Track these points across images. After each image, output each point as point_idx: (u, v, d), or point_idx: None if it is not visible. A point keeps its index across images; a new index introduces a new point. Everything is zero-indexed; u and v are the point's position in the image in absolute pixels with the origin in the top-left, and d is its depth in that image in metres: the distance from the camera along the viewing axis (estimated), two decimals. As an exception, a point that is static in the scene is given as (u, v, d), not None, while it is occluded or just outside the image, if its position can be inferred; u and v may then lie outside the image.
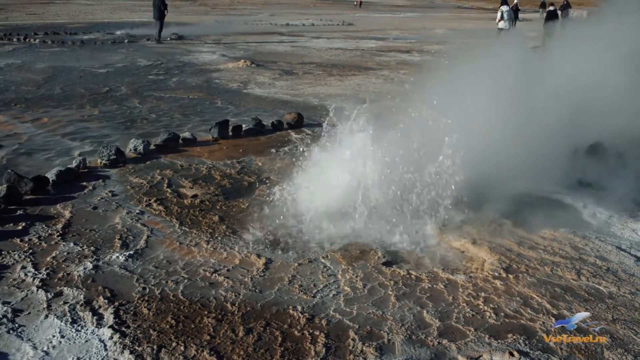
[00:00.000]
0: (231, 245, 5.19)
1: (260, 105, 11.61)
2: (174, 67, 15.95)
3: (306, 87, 13.85)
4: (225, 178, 6.93)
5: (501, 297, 4.39)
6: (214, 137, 8.67)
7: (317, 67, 16.89)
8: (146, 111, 10.55)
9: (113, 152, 7.27)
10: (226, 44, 21.85)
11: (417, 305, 4.27)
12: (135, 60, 16.92)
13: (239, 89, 13.24)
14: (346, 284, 4.57)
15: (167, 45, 20.92)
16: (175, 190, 6.49)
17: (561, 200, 6.02)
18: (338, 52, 20.98)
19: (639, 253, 5.24)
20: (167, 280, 4.54)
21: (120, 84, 13.21)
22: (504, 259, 5.00)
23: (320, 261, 4.95)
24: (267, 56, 18.98)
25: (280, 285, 4.53)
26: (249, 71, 15.79)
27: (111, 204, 6.02)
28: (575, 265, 4.93)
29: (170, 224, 5.59)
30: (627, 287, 4.61)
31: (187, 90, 12.80)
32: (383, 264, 4.91)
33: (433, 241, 5.32)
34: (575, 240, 5.39)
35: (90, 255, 4.88)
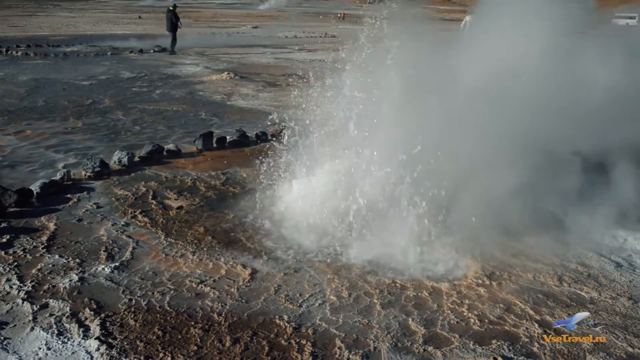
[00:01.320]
0: (217, 256, 5.21)
1: (244, 116, 11.65)
2: (158, 79, 15.94)
3: (290, 98, 13.87)
4: (210, 189, 6.96)
5: (485, 304, 4.47)
6: (198, 148, 8.69)
7: (300, 79, 16.92)
8: (130, 123, 10.54)
9: (97, 164, 7.27)
10: (209, 56, 21.86)
11: (403, 313, 4.32)
12: (118, 72, 16.89)
13: (223, 101, 13.27)
14: (332, 293, 4.62)
15: (150, 57, 20.89)
16: (160, 202, 6.50)
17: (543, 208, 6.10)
18: (321, 63, 21.03)
19: (619, 259, 5.35)
20: (154, 291, 4.56)
21: (104, 96, 13.17)
22: (487, 266, 5.07)
23: (305, 271, 4.99)
24: (250, 68, 19.03)
25: (267, 295, 4.56)
26: (232, 83, 15.82)
27: (96, 216, 6.01)
28: (557, 272, 5.03)
29: (155, 236, 5.60)
30: (608, 292, 4.71)
31: (171, 102, 12.80)
32: (368, 272, 4.95)
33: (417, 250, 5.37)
34: (557, 247, 5.48)
35: (76, 267, 4.88)
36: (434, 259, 5.23)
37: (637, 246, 5.66)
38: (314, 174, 6.20)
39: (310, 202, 5.99)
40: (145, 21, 41.69)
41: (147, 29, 33.43)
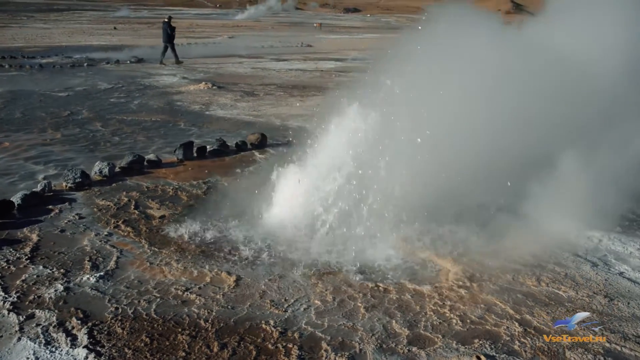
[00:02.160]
0: (201, 264, 5.26)
1: (223, 126, 11.69)
2: (135, 90, 15.91)
3: (268, 108, 13.98)
4: (192, 198, 7.00)
5: (466, 305, 4.57)
6: (179, 158, 8.72)
7: (278, 88, 17.05)
8: (109, 134, 10.53)
9: (78, 175, 7.27)
10: (186, 67, 21.85)
11: (386, 316, 4.41)
12: (95, 83, 16.82)
13: (202, 111, 13.30)
14: (316, 297, 4.70)
15: (127, 68, 20.83)
16: (143, 211, 6.53)
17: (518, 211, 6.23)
18: (298, 73, 21.19)
19: (595, 259, 5.51)
20: (140, 299, 4.59)
21: (82, 107, 13.13)
22: (467, 268, 5.19)
23: (289, 277, 5.06)
24: (227, 78, 19.07)
25: (252, 301, 4.62)
26: (210, 93, 15.85)
27: (79, 227, 6.03)
28: (535, 272, 5.17)
29: (139, 245, 5.63)
30: (585, 291, 4.85)
31: (150, 113, 12.80)
32: (351, 277, 5.04)
33: (398, 254, 5.47)
34: (534, 249, 5.62)
35: (61, 278, 4.89)
36: (415, 263, 5.33)
37: (611, 246, 5.83)
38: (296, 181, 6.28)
39: (292, 209, 6.09)
40: (121, 32, 41.49)
41: (123, 40, 33.25)
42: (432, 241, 5.68)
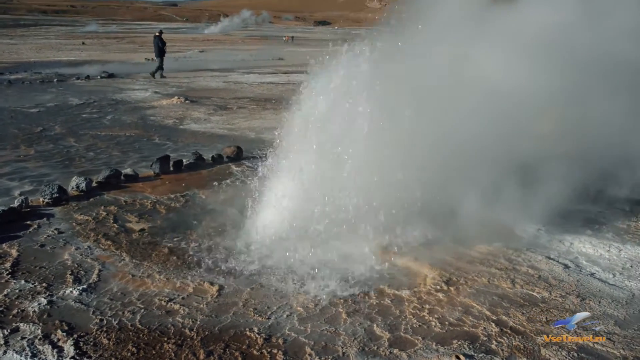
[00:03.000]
0: (183, 275, 5.33)
1: (198, 140, 11.75)
2: (107, 105, 15.87)
3: (242, 121, 14.07)
4: (171, 211, 7.05)
5: (444, 308, 4.72)
6: (155, 172, 8.75)
7: (251, 102, 17.15)
8: (83, 149, 10.52)
9: (55, 191, 7.27)
10: (158, 81, 21.83)
11: (367, 320, 4.54)
12: (66, 99, 16.73)
13: (175, 125, 13.33)
14: (298, 304, 4.79)
15: (97, 84, 20.74)
16: (122, 225, 6.56)
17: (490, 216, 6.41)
18: (270, 86, 21.33)
19: (567, 261, 5.70)
20: (124, 310, 4.64)
21: (54, 123, 13.07)
22: (444, 273, 5.34)
23: (271, 285, 5.15)
24: (200, 92, 19.12)
25: (236, 309, 4.71)
26: (183, 107, 15.88)
27: (58, 241, 6.04)
28: (510, 275, 5.34)
29: (120, 258, 5.67)
30: (558, 292, 5.04)
31: (123, 128, 12.79)
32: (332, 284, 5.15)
33: (377, 260, 5.60)
34: (508, 252, 5.80)
35: (43, 291, 4.92)
36: (394, 269, 5.46)
37: (582, 249, 6.03)
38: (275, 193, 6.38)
39: (271, 218, 6.19)
40: (90, 47, 41.27)
41: (92, 55, 33.12)
42: (409, 247, 5.82)
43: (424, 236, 6.01)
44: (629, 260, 5.82)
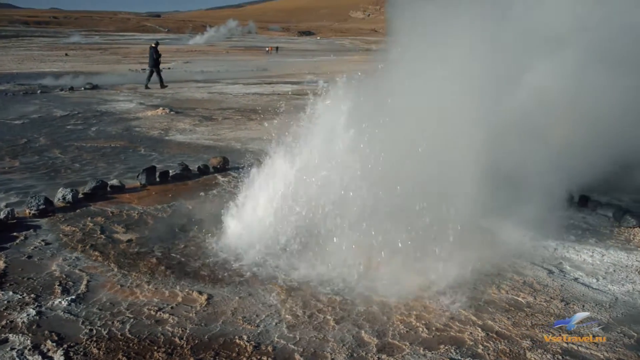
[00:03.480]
0: (172, 285, 5.35)
1: (183, 151, 11.77)
2: (92, 117, 15.84)
3: (227, 131, 14.11)
4: (158, 222, 7.07)
5: (431, 314, 4.79)
6: (141, 183, 8.77)
7: (236, 112, 17.19)
8: (69, 161, 10.51)
9: (42, 202, 7.27)
10: (142, 92, 21.83)
11: (355, 327, 4.59)
12: (50, 110, 16.69)
13: (161, 136, 13.34)
14: (287, 312, 4.84)
15: (81, 95, 20.69)
16: (109, 236, 6.58)
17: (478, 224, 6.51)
18: (255, 97, 21.39)
19: (551, 266, 5.80)
20: (113, 320, 4.66)
21: (39, 134, 13.03)
22: (431, 280, 5.41)
23: (260, 293, 5.20)
24: (185, 103, 19.14)
25: (225, 318, 4.74)
26: (168, 118, 15.89)
27: (46, 253, 6.05)
28: (495, 281, 5.42)
29: (109, 268, 5.69)
30: (542, 297, 5.13)
31: (108, 139, 12.78)
32: (319, 292, 5.20)
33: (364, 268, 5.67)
34: (494, 259, 5.89)
35: (32, 302, 4.93)
36: (381, 276, 5.52)
37: (566, 254, 6.14)
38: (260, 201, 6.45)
39: (258, 228, 6.24)
40: (73, 58, 41.12)
41: (76, 66, 33.01)
42: (395, 254, 5.88)
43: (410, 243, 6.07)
44: (611, 264, 5.93)
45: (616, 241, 6.59)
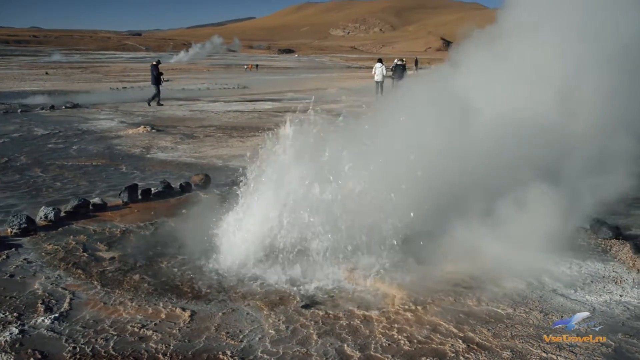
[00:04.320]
0: (155, 301, 5.37)
1: (165, 168, 11.78)
2: (73, 135, 15.82)
3: (209, 149, 14.15)
4: (140, 240, 7.08)
5: (413, 327, 4.85)
6: (124, 201, 8.77)
7: (217, 130, 17.24)
8: (50, 180, 10.48)
9: (24, 221, 7.26)
10: (123, 111, 21.81)
11: (338, 340, 4.64)
12: (31, 129, 16.64)
13: (142, 154, 13.35)
14: (270, 327, 4.88)
15: (62, 114, 20.63)
16: (92, 254, 6.58)
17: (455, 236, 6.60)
18: (236, 114, 21.46)
19: (530, 278, 5.88)
20: (97, 338, 4.67)
21: (19, 153, 12.99)
22: (412, 293, 5.48)
23: (243, 309, 5.23)
24: (166, 121, 19.16)
25: (208, 334, 4.77)
26: (150, 136, 15.90)
27: (28, 271, 6.03)
28: (476, 293, 5.50)
29: (92, 286, 5.69)
30: (522, 308, 5.22)
31: (90, 158, 12.77)
32: (302, 307, 5.25)
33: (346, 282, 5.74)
34: (474, 271, 5.97)
35: (14, 321, 4.92)
36: (363, 290, 5.59)
37: (544, 266, 6.23)
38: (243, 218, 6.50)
39: (241, 244, 6.29)
40: (53, 77, 41.02)
41: (56, 85, 32.93)
42: (377, 268, 5.96)
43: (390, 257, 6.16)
44: (589, 275, 6.04)
45: (593, 253, 6.70)
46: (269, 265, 6.09)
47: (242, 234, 6.37)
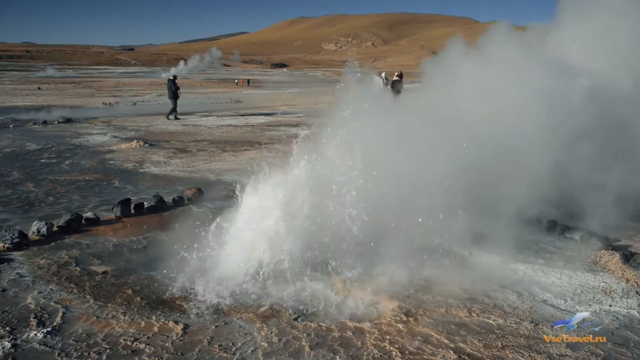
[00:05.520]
0: (148, 315, 5.39)
1: (158, 183, 11.80)
2: (66, 150, 15.82)
3: (202, 163, 14.18)
4: (133, 254, 7.10)
5: (404, 338, 4.89)
6: (116, 215, 8.79)
7: (210, 144, 17.27)
8: (43, 194, 10.48)
9: (16, 235, 7.27)
10: (116, 126, 21.83)
11: (330, 352, 4.67)
12: (23, 144, 16.64)
13: (135, 169, 13.36)
14: (262, 339, 4.91)
15: (55, 129, 20.63)
16: (85, 268, 6.59)
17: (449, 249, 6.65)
18: (229, 128, 21.51)
19: (520, 289, 5.94)
20: (89, 351, 4.68)
21: (11, 168, 12.99)
22: (403, 305, 5.52)
23: (235, 322, 5.26)
24: (159, 136, 19.19)
25: (201, 347, 4.79)
26: (142, 151, 15.92)
27: (21, 285, 6.04)
28: (467, 305, 5.55)
29: (84, 300, 5.70)
30: (512, 319, 5.27)
31: (82, 172, 12.77)
32: (294, 319, 5.28)
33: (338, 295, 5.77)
34: (464, 283, 6.02)
35: (7, 335, 4.93)
36: (355, 303, 5.63)
37: (534, 277, 6.29)
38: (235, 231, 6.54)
39: (234, 258, 6.32)
40: (46, 92, 40.99)
41: (49, 100, 32.89)
42: (369, 281, 6.00)
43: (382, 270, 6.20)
44: (579, 286, 6.10)
45: (583, 263, 6.77)
46: (262, 277, 6.11)
47: (236, 247, 6.41)
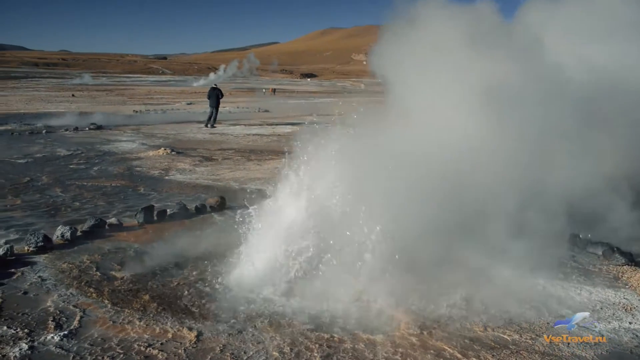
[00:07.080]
0: (163, 321, 5.44)
1: (182, 190, 11.92)
2: (95, 156, 16.09)
3: (226, 172, 14.29)
4: (153, 260, 7.17)
5: (417, 351, 4.87)
6: (139, 222, 8.90)
7: (235, 153, 17.41)
8: (69, 199, 10.67)
9: (40, 239, 7.41)
10: (145, 133, 22.13)
11: (340, 364, 4.67)
12: (54, 150, 16.96)
13: (161, 176, 13.53)
14: (274, 349, 4.92)
15: (85, 135, 21.01)
16: (105, 273, 6.68)
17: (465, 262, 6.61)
18: (255, 137, 21.67)
19: (539, 304, 5.87)
20: (103, 356, 4.75)
21: (41, 173, 13.25)
22: (418, 318, 5.50)
23: (248, 331, 5.28)
24: (186, 144, 19.40)
25: (213, 355, 4.82)
26: (169, 158, 16.11)
27: (42, 288, 6.15)
28: (482, 319, 5.50)
29: (102, 305, 5.78)
30: (528, 334, 5.21)
31: (109, 179, 12.97)
32: (307, 329, 5.29)
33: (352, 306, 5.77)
34: (481, 297, 5.97)
35: (25, 337, 5.02)
36: (368, 314, 5.62)
37: (553, 292, 6.21)
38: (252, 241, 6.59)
39: (252, 266, 6.36)
40: (79, 99, 41.78)
41: (82, 107, 33.50)
42: (384, 293, 5.98)
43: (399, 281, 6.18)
44: (599, 302, 6.00)
45: (604, 279, 6.67)
46: (276, 286, 6.13)
47: (254, 256, 6.45)
